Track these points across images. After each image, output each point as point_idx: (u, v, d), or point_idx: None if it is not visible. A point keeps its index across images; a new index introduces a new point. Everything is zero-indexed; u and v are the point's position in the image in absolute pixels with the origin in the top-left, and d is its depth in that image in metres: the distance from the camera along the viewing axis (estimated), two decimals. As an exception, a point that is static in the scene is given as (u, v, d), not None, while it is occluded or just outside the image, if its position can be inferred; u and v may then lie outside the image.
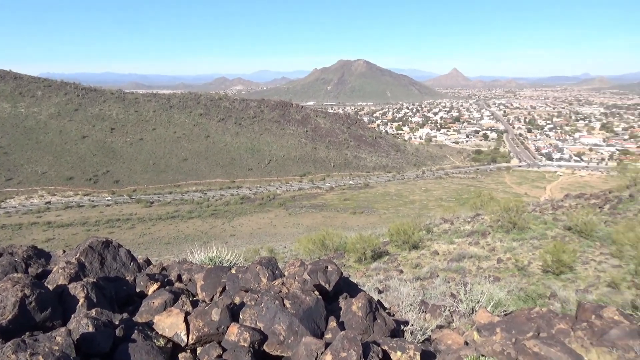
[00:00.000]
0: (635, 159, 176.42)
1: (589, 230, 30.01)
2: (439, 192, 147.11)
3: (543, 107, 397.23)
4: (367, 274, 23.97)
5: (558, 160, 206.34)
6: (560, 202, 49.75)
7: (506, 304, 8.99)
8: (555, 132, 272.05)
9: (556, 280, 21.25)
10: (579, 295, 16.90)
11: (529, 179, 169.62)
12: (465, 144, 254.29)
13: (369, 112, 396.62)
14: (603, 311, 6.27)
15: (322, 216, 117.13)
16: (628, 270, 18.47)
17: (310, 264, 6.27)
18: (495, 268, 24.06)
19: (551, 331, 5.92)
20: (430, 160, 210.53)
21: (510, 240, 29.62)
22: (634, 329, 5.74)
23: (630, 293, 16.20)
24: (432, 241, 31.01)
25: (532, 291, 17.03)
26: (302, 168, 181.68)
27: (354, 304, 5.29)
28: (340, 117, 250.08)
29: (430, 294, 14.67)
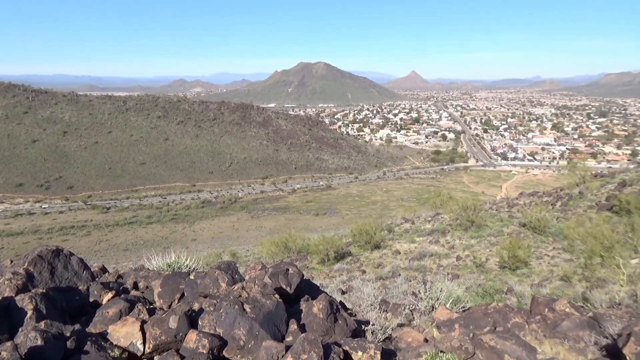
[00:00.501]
0: (584, 157, 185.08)
1: (542, 227, 31.20)
2: (399, 192, 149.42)
3: (498, 108, 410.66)
4: (330, 275, 24.01)
5: (513, 159, 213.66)
6: (515, 200, 51.54)
7: (465, 300, 9.19)
8: (510, 132, 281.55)
9: (512, 275, 21.94)
10: (534, 290, 17.48)
11: (485, 178, 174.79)
12: (425, 144, 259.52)
13: (330, 113, 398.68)
14: (555, 304, 6.51)
15: (284, 218, 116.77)
16: (579, 264, 19.23)
17: (271, 267, 6.21)
18: (454, 265, 24.58)
19: (507, 325, 6.09)
20: (391, 161, 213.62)
21: (469, 238, 30.36)
22: (584, 320, 5.98)
23: (581, 286, 16.87)
24: (394, 241, 31.42)
25: (490, 287, 17.50)
26: (264, 170, 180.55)
27: (315, 306, 5.26)
28: (302, 119, 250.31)
29: (392, 293, 14.81)
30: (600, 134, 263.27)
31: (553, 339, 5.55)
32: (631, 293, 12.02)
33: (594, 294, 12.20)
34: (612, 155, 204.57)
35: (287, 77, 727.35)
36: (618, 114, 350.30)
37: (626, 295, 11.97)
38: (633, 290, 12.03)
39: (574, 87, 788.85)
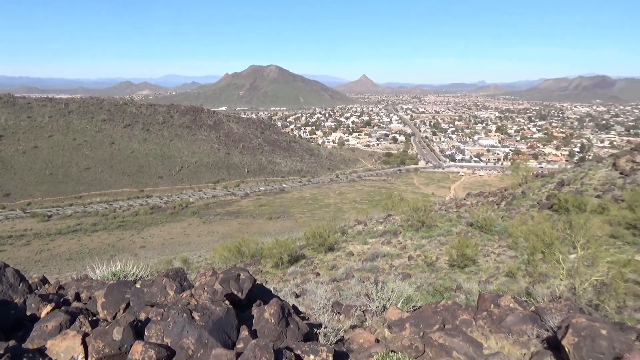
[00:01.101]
0: (526, 158, 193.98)
1: (488, 226, 32.40)
2: (352, 194, 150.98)
3: (446, 112, 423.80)
4: (284, 278, 23.89)
5: (460, 161, 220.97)
6: (463, 201, 53.29)
7: (416, 299, 9.37)
8: (457, 134, 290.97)
9: (461, 273, 22.61)
10: (481, 286, 18.07)
11: (435, 180, 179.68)
12: (376, 147, 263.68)
13: (282, 117, 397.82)
14: (500, 300, 6.75)
15: (237, 223, 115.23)
16: (523, 260, 20.05)
17: (222, 273, 6.07)
18: (406, 265, 25.05)
19: (455, 322, 6.25)
20: (344, 164, 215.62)
21: (420, 238, 31.06)
22: (527, 314, 6.24)
23: (525, 281, 17.61)
24: (347, 242, 31.68)
25: (440, 285, 17.94)
26: (215, 174, 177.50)
27: (266, 311, 5.20)
28: (254, 122, 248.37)
29: (345, 295, 14.87)
30: (540, 136, 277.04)
31: (498, 333, 5.74)
32: (570, 286, 12.67)
33: (537, 289, 12.76)
34: (551, 156, 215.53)
35: (239, 80, 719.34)
36: (556, 117, 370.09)
37: (566, 288, 12.60)
38: (572, 284, 12.68)
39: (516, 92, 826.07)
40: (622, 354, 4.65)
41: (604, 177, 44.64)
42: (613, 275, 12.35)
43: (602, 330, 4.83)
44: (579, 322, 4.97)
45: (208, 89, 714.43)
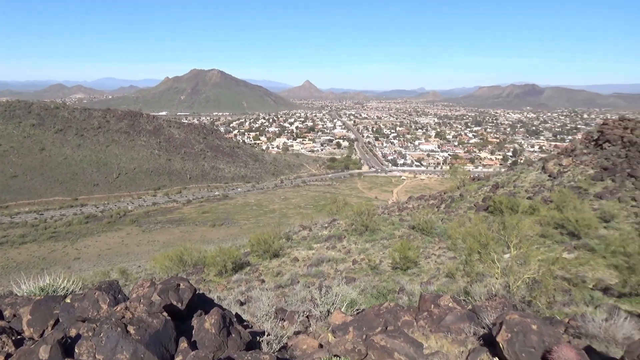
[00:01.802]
0: (463, 162, 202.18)
1: (429, 228, 33.41)
2: (297, 200, 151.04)
3: (388, 118, 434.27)
4: (228, 286, 23.46)
5: (402, 165, 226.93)
6: (405, 204, 54.68)
7: (360, 302, 9.47)
8: (399, 140, 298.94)
9: (404, 275, 23.12)
10: (423, 287, 18.55)
11: (378, 184, 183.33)
12: (321, 152, 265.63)
13: (225, 122, 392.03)
14: (440, 300, 6.94)
15: (179, 231, 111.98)
16: (461, 261, 20.76)
17: (160, 284, 5.84)
18: (351, 269, 25.29)
19: (398, 324, 6.36)
20: (288, 169, 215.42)
21: (364, 242, 31.49)
22: (465, 313, 6.46)
23: (464, 281, 18.27)
24: (292, 248, 31.59)
25: (383, 288, 18.24)
26: (155, 181, 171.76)
27: (207, 321, 5.04)
28: (196, 128, 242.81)
29: (291, 301, 14.80)
30: (476, 141, 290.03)
31: (438, 333, 5.90)
32: (505, 285, 13.27)
33: (474, 288, 13.25)
34: (487, 160, 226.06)
35: (180, 84, 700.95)
36: (491, 123, 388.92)
37: (501, 286, 13.18)
38: (506, 282, 13.28)
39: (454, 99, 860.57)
40: (551, 346, 4.92)
41: (534, 179, 47.33)
42: (543, 272, 13.06)
43: (533, 325, 5.08)
44: (511, 319, 5.20)
45: (147, 93, 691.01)
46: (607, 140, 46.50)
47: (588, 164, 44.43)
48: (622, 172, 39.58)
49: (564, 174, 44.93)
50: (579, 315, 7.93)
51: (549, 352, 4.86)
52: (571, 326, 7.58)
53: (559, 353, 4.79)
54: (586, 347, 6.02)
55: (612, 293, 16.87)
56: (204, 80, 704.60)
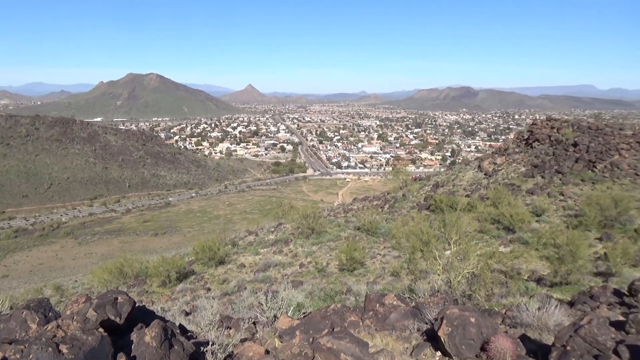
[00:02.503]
0: (405, 163, 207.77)
1: (374, 229, 34.00)
2: (242, 205, 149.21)
3: (331, 121, 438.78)
4: (172, 297, 22.78)
5: (346, 167, 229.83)
6: (350, 206, 55.40)
7: (307, 305, 9.46)
8: (343, 142, 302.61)
9: (351, 276, 23.37)
10: (369, 287, 18.83)
11: (323, 187, 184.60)
12: (265, 156, 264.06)
13: (165, 127, 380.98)
14: (385, 299, 7.07)
15: (119, 242, 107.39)
16: (405, 259, 21.26)
17: (97, 298, 5.55)
18: (298, 273, 25.27)
19: (344, 324, 6.41)
20: (232, 174, 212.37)
21: (310, 245, 31.56)
22: (409, 310, 6.61)
23: (408, 279, 18.71)
24: (239, 254, 31.16)
25: (331, 289, 18.34)
26: (92, 191, 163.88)
27: (147, 335, 4.84)
28: (134, 134, 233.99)
29: (238, 308, 14.58)
30: (417, 142, 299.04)
31: (383, 331, 6.00)
32: (446, 280, 13.71)
33: (418, 285, 13.62)
34: (427, 160, 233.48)
35: (115, 89, 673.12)
36: (430, 125, 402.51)
37: (443, 282, 13.61)
38: (448, 278, 13.73)
39: (394, 102, 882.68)
40: (488, 337, 5.14)
41: (472, 178, 49.41)
42: (481, 267, 13.62)
43: (472, 318, 5.29)
44: (451, 313, 5.38)
45: (80, 99, 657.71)
46: (536, 139, 49.35)
47: (520, 162, 46.92)
48: (550, 168, 42.13)
49: (499, 172, 47.22)
50: (514, 306, 8.33)
51: (487, 342, 5.09)
52: (508, 316, 7.95)
53: (496, 343, 5.03)
54: (521, 335, 6.34)
55: (544, 283, 17.88)
56: (141, 85, 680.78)
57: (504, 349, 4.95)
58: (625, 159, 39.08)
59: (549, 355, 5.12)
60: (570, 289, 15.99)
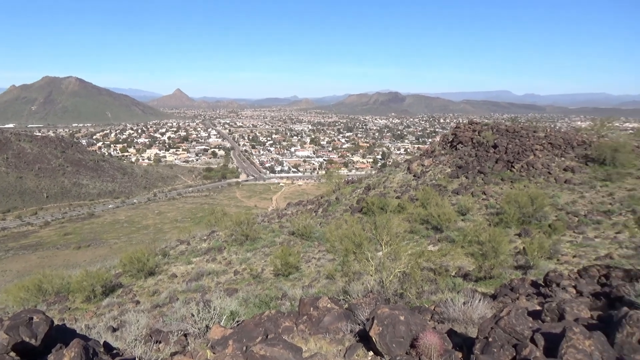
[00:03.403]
0: (338, 167, 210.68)
1: (308, 233, 34.19)
2: (173, 213, 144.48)
3: (263, 126, 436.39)
4: (98, 312, 21.57)
5: (280, 172, 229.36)
6: (284, 211, 55.33)
7: (241, 313, 9.31)
8: (275, 147, 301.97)
9: (286, 281, 23.33)
10: (304, 291, 18.88)
11: (257, 192, 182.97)
12: (196, 162, 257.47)
13: (87, 134, 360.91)
14: (319, 302, 7.11)
15: (37, 257, 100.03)
16: (339, 262, 21.55)
17: (9, 319, 5.12)
18: (232, 280, 24.87)
19: (278, 330, 6.37)
20: (162, 182, 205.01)
21: (245, 251, 31.19)
22: (342, 312, 6.69)
23: (342, 281, 18.96)
24: (170, 264, 30.18)
25: (266, 296, 18.19)
26: (4, 203, 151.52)
27: (65, 356, 4.53)
28: (52, 141, 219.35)
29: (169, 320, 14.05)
30: (349, 146, 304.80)
31: (317, 335, 6.02)
32: (379, 280, 14.06)
33: (352, 287, 13.85)
34: (359, 163, 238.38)
35: (30, 93, 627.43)
36: (361, 129, 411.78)
37: (376, 282, 13.94)
38: (380, 278, 14.08)
39: (326, 106, 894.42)
40: (417, 334, 5.33)
41: (401, 179, 51.08)
42: (412, 266, 14.10)
43: (401, 316, 5.45)
44: (382, 313, 5.51)
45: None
46: (460, 141, 51.98)
47: (446, 164, 49.19)
48: (473, 169, 44.53)
49: (426, 173, 49.21)
50: (442, 302, 8.69)
51: (416, 339, 5.28)
52: (436, 312, 8.28)
53: (424, 339, 5.23)
54: (448, 330, 6.62)
55: (470, 278, 18.82)
56: (59, 89, 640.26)
57: (431, 344, 5.15)
58: (539, 159, 42.16)
59: (473, 347, 5.39)
60: (493, 283, 16.93)
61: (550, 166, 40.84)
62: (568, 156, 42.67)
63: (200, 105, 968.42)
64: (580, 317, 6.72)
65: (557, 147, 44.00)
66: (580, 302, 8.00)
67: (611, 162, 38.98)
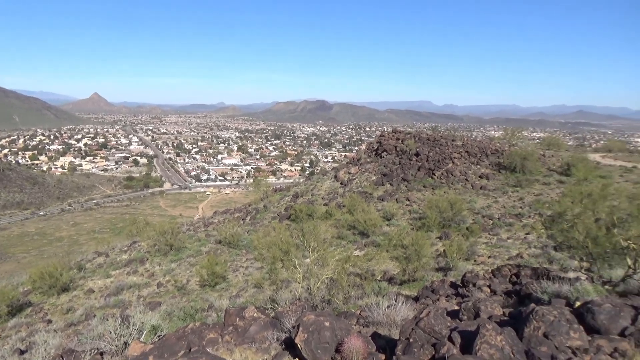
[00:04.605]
0: (266, 175, 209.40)
1: (235, 241, 33.72)
2: (90, 224, 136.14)
3: (188, 132, 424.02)
4: (3, 335, 19.84)
5: (206, 180, 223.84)
6: (211, 219, 54.13)
7: (163, 327, 8.93)
8: (201, 155, 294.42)
9: (213, 292, 22.78)
10: (232, 301, 18.54)
11: (182, 201, 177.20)
12: (116, 171, 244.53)
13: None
14: (245, 312, 6.99)
15: None
16: (267, 271, 21.44)
17: None
18: (156, 293, 23.93)
19: (202, 343, 6.18)
20: (77, 192, 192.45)
21: (169, 262, 30.14)
22: (268, 321, 6.63)
23: (270, 289, 18.84)
24: (86, 279, 28.47)
25: (191, 307, 17.63)
26: None
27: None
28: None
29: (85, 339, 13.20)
30: (277, 154, 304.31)
31: (243, 345, 5.92)
32: (307, 287, 14.12)
33: (280, 295, 13.79)
34: (287, 171, 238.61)
35: None
36: (289, 137, 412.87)
37: (303, 289, 13.99)
38: (308, 285, 14.15)
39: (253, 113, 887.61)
40: (342, 339, 5.41)
41: (329, 187, 51.83)
42: (339, 271, 14.30)
43: (326, 322, 5.51)
44: (308, 319, 5.54)
45: None
46: (384, 149, 53.72)
47: (371, 171, 50.60)
48: (397, 176, 46.19)
49: (353, 180, 50.31)
50: (367, 306, 8.90)
51: (341, 344, 5.36)
52: (362, 317, 8.46)
53: (348, 344, 5.33)
54: (373, 333, 6.78)
55: (395, 282, 19.45)
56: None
57: (355, 348, 5.26)
58: (458, 167, 44.61)
59: (395, 348, 5.56)
60: (416, 285, 17.60)
61: (467, 173, 43.34)
62: (483, 164, 45.55)
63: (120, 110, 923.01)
64: (494, 315, 7.17)
65: (473, 155, 46.82)
66: (494, 301, 8.54)
67: (521, 170, 42.20)
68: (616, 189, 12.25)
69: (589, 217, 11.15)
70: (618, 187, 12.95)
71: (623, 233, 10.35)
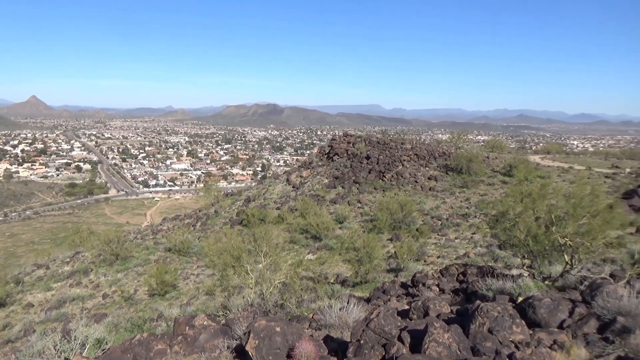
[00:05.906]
0: (217, 179, 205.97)
1: (186, 248, 32.94)
2: (29, 234, 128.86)
3: (135, 137, 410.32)
4: None
5: (155, 186, 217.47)
6: (160, 226, 52.61)
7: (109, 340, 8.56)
8: (149, 160, 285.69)
9: (162, 301, 22.13)
10: (182, 310, 18.07)
11: (129, 208, 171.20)
12: (57, 177, 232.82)
13: None
14: (195, 320, 6.82)
15: None
16: (219, 277, 21.08)
17: None
18: (101, 304, 23.03)
19: (150, 355, 5.97)
20: (14, 200, 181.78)
21: (115, 272, 29.07)
22: (219, 328, 6.50)
23: (222, 296, 18.53)
24: (25, 293, 26.95)
25: (139, 318, 17.05)
26: None
27: None
28: None
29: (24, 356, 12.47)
30: (228, 158, 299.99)
31: (192, 355, 5.77)
32: (259, 293, 13.99)
33: (232, 301, 13.58)
34: (239, 176, 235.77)
35: None
36: (240, 141, 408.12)
37: (256, 295, 13.84)
38: (261, 290, 14.02)
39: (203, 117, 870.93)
40: (294, 344, 5.39)
41: (281, 191, 51.65)
42: (291, 276, 14.27)
43: (277, 327, 5.46)
44: (259, 325, 5.48)
45: None
46: (336, 153, 54.18)
47: (323, 175, 50.86)
48: (349, 179, 46.67)
49: (305, 184, 50.39)
50: (320, 309, 8.91)
51: (292, 349, 5.34)
52: (314, 320, 8.46)
53: (299, 348, 5.31)
54: (325, 336, 6.80)
55: (348, 284, 19.62)
56: None
57: (306, 352, 5.24)
58: (407, 169, 45.66)
59: (347, 351, 5.60)
60: (368, 287, 17.83)
61: (416, 175, 44.44)
62: (431, 166, 46.89)
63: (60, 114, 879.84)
64: (442, 313, 7.37)
65: (422, 158, 48.10)
66: (442, 299, 8.78)
67: (467, 171, 43.79)
68: (554, 188, 12.92)
69: (529, 215, 11.72)
70: (556, 186, 13.66)
71: (560, 231, 10.94)
